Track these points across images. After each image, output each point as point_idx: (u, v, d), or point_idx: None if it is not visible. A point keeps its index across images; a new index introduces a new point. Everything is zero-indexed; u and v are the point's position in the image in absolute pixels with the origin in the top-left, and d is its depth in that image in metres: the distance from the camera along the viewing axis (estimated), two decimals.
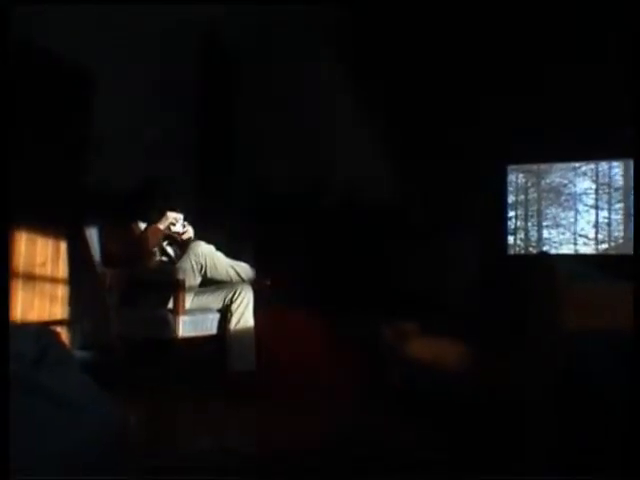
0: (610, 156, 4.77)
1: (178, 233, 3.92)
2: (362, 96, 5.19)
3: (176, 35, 4.83)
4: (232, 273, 3.82)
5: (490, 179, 5.10)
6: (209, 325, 3.66)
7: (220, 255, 3.81)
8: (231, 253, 3.91)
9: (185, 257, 3.74)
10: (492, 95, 5.01)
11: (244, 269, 3.87)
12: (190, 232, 3.95)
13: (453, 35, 5.03)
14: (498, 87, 5.00)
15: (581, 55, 4.71)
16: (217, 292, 3.76)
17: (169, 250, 3.94)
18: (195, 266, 3.70)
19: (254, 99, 5.41)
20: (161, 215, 3.85)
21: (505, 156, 5.10)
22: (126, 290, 3.64)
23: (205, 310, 3.71)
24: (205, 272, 3.74)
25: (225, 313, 3.70)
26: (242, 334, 3.66)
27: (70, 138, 3.98)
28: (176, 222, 3.91)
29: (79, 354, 3.66)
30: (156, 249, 3.84)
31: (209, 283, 3.82)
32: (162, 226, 3.84)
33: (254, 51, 5.45)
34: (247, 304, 3.72)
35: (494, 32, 4.95)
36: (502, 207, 5.10)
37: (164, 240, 3.91)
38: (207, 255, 3.75)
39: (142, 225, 3.85)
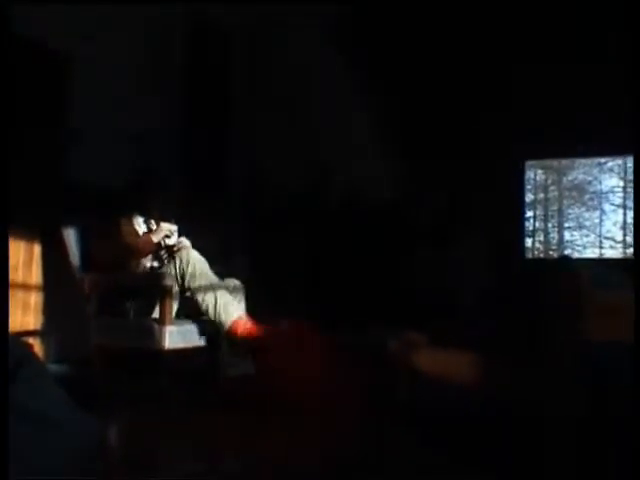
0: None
1: (171, 247, 3.89)
2: (369, 92, 5.22)
3: (168, 26, 4.90)
4: (210, 303, 3.70)
5: (506, 176, 5.12)
6: (198, 336, 3.66)
7: (209, 274, 3.76)
8: (225, 256, 3.91)
9: (171, 262, 3.73)
10: (506, 84, 5.03)
11: (225, 302, 3.73)
12: (185, 244, 3.91)
13: (463, 29, 5.07)
14: (512, 76, 5.02)
15: (599, 49, 4.74)
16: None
17: (158, 257, 3.93)
18: (178, 272, 3.68)
19: (251, 94, 5.45)
20: (154, 225, 3.84)
21: (522, 151, 5.12)
22: (108, 297, 3.64)
23: (194, 319, 3.71)
24: (185, 281, 3.68)
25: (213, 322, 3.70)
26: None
27: (45, 129, 3.98)
28: (171, 235, 3.87)
29: (55, 368, 3.66)
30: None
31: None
32: (156, 238, 3.82)
33: (251, 45, 5.48)
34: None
35: (502, 27, 4.99)
36: (519, 207, 5.12)
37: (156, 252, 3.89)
38: (194, 264, 3.69)
39: (135, 226, 3.83)
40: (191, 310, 3.72)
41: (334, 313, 4.26)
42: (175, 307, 3.68)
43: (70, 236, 3.63)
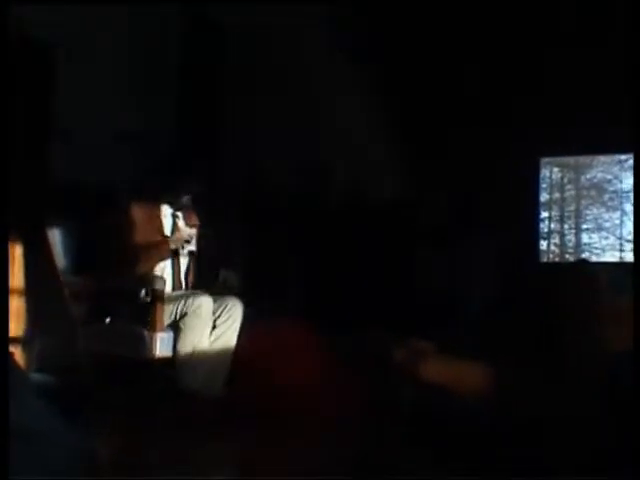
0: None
1: (191, 253, 3.86)
2: (375, 87, 5.23)
3: (166, 24, 4.95)
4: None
5: (519, 174, 5.11)
6: None
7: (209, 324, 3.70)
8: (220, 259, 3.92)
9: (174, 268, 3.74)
10: (518, 75, 5.03)
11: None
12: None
13: (475, 22, 5.08)
14: (526, 68, 5.03)
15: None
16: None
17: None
18: (179, 308, 3.65)
19: (248, 88, 5.46)
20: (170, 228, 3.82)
21: (537, 147, 5.11)
22: (95, 302, 3.64)
23: None
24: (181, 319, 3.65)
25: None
26: (221, 353, 3.67)
27: (28, 121, 3.98)
28: (190, 240, 3.81)
29: (38, 377, 3.65)
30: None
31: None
32: (173, 244, 3.78)
33: (249, 37, 5.50)
34: (234, 321, 3.72)
35: (514, 21, 5.01)
36: (534, 207, 5.11)
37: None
38: (201, 311, 3.64)
39: (157, 227, 3.80)
40: None
41: (335, 319, 4.25)
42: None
43: (56, 236, 3.63)
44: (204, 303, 3.62)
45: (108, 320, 3.68)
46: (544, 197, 5.15)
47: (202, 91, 5.40)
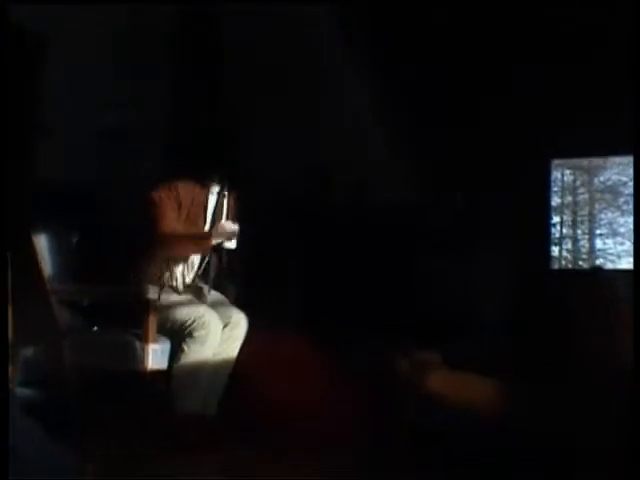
0: None
1: (223, 251, 3.80)
2: (379, 83, 5.24)
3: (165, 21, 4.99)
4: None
5: (530, 176, 5.11)
6: None
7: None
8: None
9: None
10: (528, 72, 5.03)
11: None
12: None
13: (485, 20, 5.09)
14: (536, 65, 5.02)
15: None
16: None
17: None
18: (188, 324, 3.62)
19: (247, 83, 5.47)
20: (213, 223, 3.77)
21: (548, 148, 5.11)
22: (83, 311, 3.63)
23: None
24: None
25: None
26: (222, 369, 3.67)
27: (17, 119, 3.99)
28: (232, 238, 3.74)
29: (20, 392, 3.63)
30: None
31: None
32: (215, 239, 3.73)
33: (246, 30, 5.51)
34: (236, 339, 3.72)
35: (522, 21, 5.02)
36: (544, 211, 5.10)
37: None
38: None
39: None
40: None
41: (337, 331, 4.24)
42: None
43: (41, 241, 3.62)
44: (215, 313, 3.64)
45: (97, 330, 3.66)
46: (555, 201, 5.14)
47: (201, 91, 5.42)
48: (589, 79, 4.82)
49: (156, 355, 3.47)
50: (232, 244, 3.74)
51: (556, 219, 5.12)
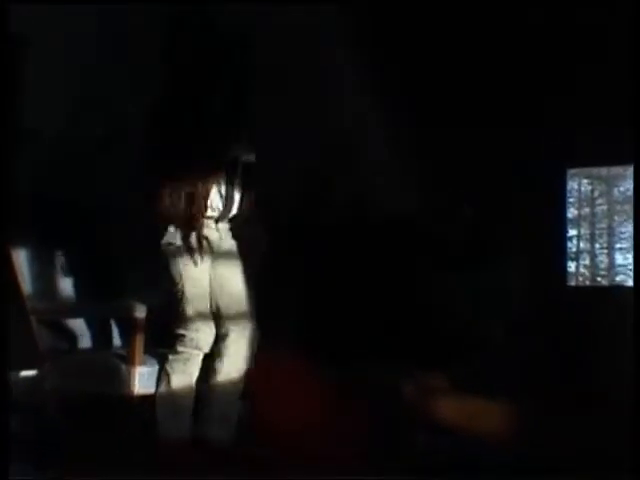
0: None
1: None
2: (391, 94, 5.26)
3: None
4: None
5: (544, 186, 5.10)
6: None
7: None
8: None
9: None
10: (545, 75, 5.03)
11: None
12: None
13: (497, 25, 5.11)
14: (553, 66, 5.03)
15: None
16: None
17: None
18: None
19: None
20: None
21: (563, 156, 5.10)
22: (66, 330, 3.63)
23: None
24: None
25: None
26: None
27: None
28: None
29: None
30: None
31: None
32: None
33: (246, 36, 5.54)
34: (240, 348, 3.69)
35: (533, 25, 5.04)
36: (560, 223, 5.09)
37: None
38: None
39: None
40: None
41: (337, 349, 4.24)
42: None
43: (21, 257, 3.62)
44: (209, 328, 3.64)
45: (80, 352, 3.66)
46: (572, 213, 5.12)
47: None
48: (608, 81, 4.82)
49: (143, 379, 3.46)
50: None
51: (573, 232, 5.10)
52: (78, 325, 3.68)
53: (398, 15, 5.36)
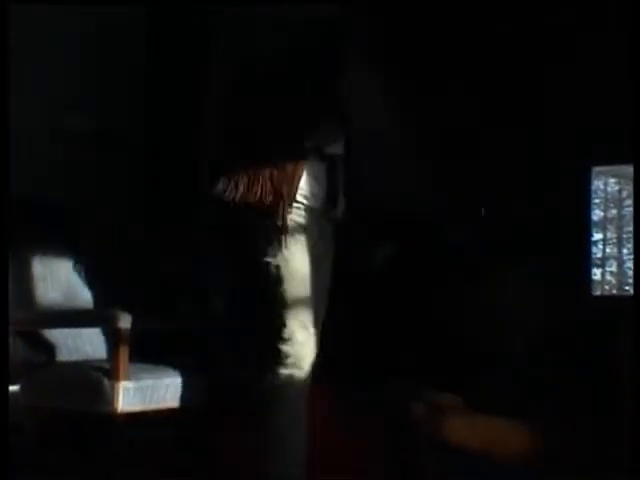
0: None
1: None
2: (395, 83, 5.27)
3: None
4: None
5: (567, 187, 5.08)
6: (164, 394, 3.64)
7: None
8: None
9: None
10: (566, 71, 5.02)
11: None
12: None
13: (520, 20, 5.12)
14: (578, 57, 5.02)
15: None
16: None
17: None
18: None
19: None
20: None
21: (588, 154, 5.08)
22: (44, 342, 3.62)
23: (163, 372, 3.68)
24: None
25: None
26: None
27: None
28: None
29: None
30: None
31: None
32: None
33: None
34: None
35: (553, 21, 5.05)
36: (584, 227, 5.06)
37: None
38: None
39: None
40: None
41: (346, 366, 4.23)
42: None
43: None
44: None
45: (59, 366, 3.65)
46: (597, 215, 5.09)
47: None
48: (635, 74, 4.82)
49: (127, 395, 3.45)
50: None
51: (598, 236, 5.08)
52: (57, 336, 3.67)
53: None
